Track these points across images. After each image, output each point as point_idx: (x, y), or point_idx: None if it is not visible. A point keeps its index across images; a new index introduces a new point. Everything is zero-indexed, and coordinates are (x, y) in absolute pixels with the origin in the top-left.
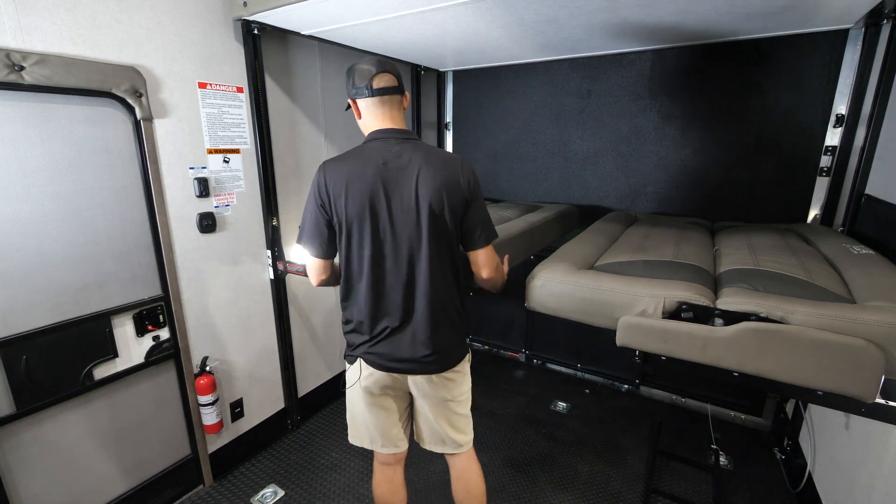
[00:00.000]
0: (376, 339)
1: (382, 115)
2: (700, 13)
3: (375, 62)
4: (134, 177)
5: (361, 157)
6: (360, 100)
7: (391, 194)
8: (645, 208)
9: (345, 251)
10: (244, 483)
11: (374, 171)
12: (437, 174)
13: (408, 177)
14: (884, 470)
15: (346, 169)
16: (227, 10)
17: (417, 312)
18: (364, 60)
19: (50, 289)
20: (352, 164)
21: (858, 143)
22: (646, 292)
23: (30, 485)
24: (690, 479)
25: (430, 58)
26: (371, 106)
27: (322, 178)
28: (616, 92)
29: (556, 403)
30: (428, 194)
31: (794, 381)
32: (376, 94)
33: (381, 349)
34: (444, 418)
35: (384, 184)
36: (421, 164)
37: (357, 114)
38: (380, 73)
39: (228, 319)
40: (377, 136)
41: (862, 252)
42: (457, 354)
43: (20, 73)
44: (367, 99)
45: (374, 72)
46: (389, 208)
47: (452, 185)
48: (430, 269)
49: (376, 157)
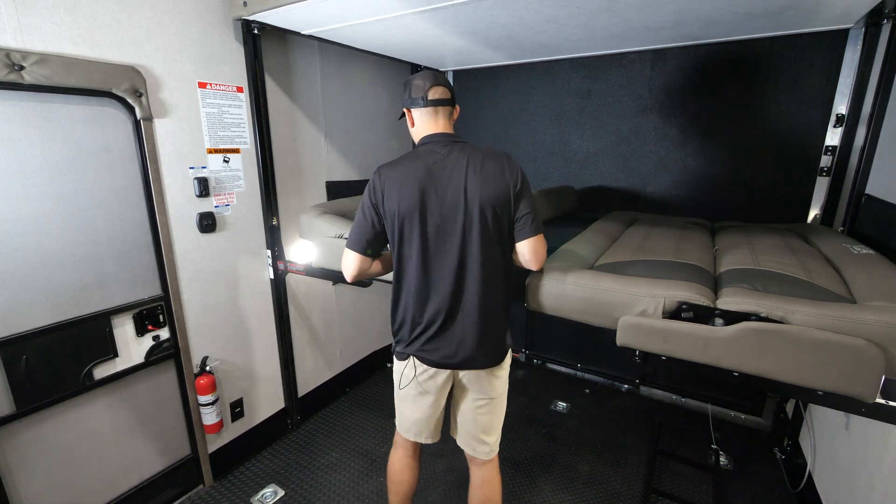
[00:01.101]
0: (427, 335)
1: (434, 124)
2: (700, 13)
3: (431, 76)
4: (134, 176)
5: (413, 159)
6: (414, 109)
7: (441, 193)
8: (645, 208)
9: (397, 249)
10: (244, 483)
11: (425, 171)
12: (484, 172)
13: (456, 176)
14: (884, 470)
15: (399, 171)
16: (227, 9)
17: (467, 308)
18: (420, 75)
19: (50, 289)
20: (403, 166)
21: (858, 143)
22: (646, 292)
23: (30, 484)
24: (690, 479)
25: (430, 58)
26: (424, 115)
27: (377, 179)
28: (616, 92)
29: (556, 403)
30: (477, 192)
31: (794, 381)
32: (430, 104)
33: (433, 345)
34: (480, 417)
35: (434, 183)
36: (468, 163)
37: (411, 122)
38: (434, 86)
39: (228, 319)
40: (427, 141)
41: (862, 252)
42: (503, 350)
43: (20, 72)
44: (420, 109)
45: (429, 85)
46: (440, 206)
47: (500, 181)
48: (481, 266)
49: (426, 159)
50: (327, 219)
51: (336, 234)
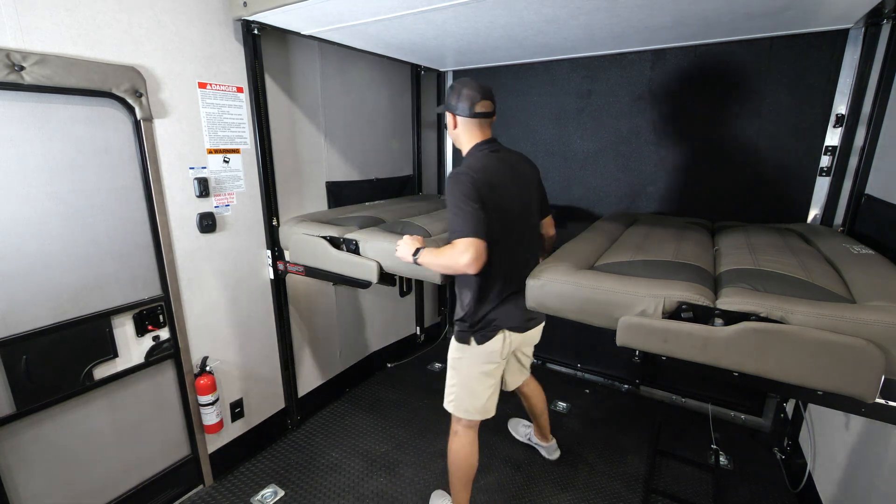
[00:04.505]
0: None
1: (481, 132)
2: (700, 13)
3: (480, 89)
4: (134, 177)
5: (496, 161)
6: (460, 117)
7: (518, 185)
8: (645, 208)
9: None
10: (244, 483)
11: (506, 170)
12: (531, 170)
13: (521, 174)
14: (884, 470)
15: (489, 171)
16: (227, 10)
17: (524, 277)
18: (471, 85)
19: (50, 289)
20: (492, 167)
21: (858, 143)
22: (646, 292)
23: (30, 485)
24: (690, 479)
25: (430, 58)
26: (469, 124)
27: (474, 179)
28: (616, 92)
29: (556, 403)
30: (532, 185)
31: (794, 381)
32: (476, 116)
33: (518, 313)
34: (530, 356)
35: (513, 180)
36: (522, 164)
37: (453, 124)
38: (482, 101)
39: (228, 319)
40: (486, 147)
41: (862, 252)
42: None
43: (20, 73)
44: (466, 118)
45: (479, 98)
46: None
47: (535, 173)
48: (532, 239)
49: (504, 160)
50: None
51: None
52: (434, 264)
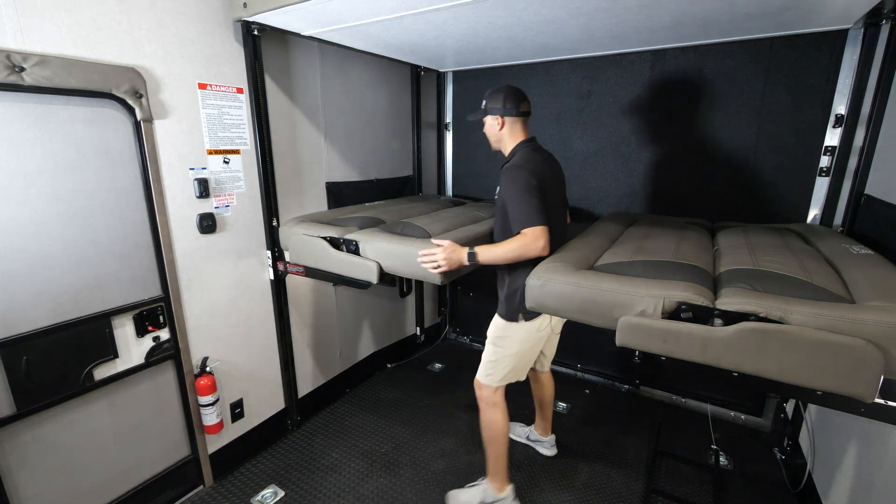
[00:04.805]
0: None
1: (523, 131)
2: (700, 13)
3: (520, 92)
4: (134, 177)
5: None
6: (507, 117)
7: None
8: (645, 208)
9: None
10: (244, 483)
11: (548, 166)
12: (559, 167)
13: (557, 170)
14: (884, 470)
15: (538, 165)
16: (227, 10)
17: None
18: (512, 88)
19: (50, 289)
20: (539, 162)
21: (858, 143)
22: (645, 292)
23: (30, 485)
24: (690, 479)
25: (430, 58)
26: (516, 123)
27: (532, 172)
28: (616, 92)
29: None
30: (563, 180)
31: (793, 381)
32: (521, 115)
33: None
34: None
35: (552, 174)
36: (555, 161)
37: (500, 125)
38: (524, 101)
39: (228, 320)
40: (529, 145)
41: (861, 252)
42: None
43: (20, 74)
44: (514, 118)
45: (522, 98)
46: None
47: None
48: (566, 229)
49: (545, 157)
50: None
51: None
52: (501, 257)
